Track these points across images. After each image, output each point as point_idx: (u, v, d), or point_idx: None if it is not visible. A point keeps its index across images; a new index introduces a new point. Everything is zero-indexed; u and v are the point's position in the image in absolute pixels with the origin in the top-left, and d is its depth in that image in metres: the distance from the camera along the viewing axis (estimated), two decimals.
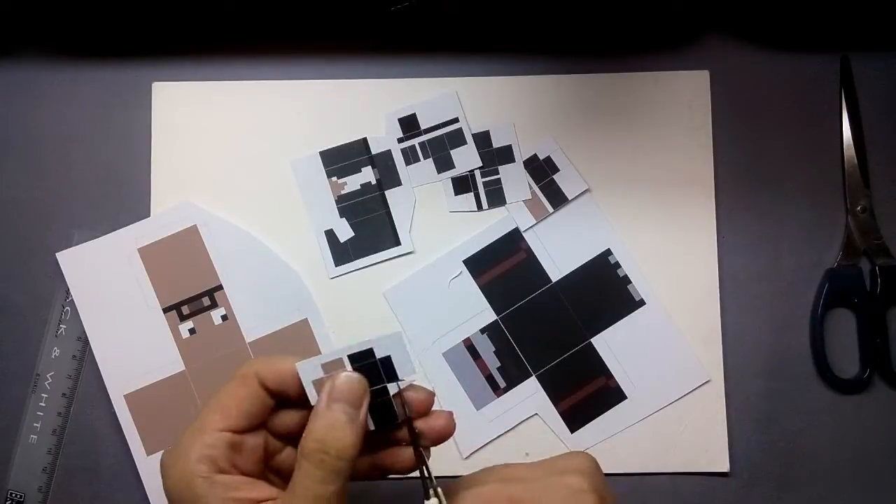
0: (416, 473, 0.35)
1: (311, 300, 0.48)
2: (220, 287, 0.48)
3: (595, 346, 0.48)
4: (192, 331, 0.48)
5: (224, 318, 0.48)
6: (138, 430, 0.47)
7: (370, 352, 0.34)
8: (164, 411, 0.47)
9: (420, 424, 0.35)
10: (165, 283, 0.48)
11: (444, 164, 0.49)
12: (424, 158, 0.49)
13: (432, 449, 0.36)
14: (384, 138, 0.49)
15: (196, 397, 0.47)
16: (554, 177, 0.49)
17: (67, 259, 0.48)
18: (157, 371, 0.47)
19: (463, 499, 0.33)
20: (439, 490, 0.34)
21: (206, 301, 0.48)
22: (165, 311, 0.48)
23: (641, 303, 0.48)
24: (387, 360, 0.34)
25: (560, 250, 0.49)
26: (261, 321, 0.48)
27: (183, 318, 0.48)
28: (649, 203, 0.49)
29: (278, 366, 0.35)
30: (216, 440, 0.33)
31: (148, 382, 0.47)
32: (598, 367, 0.48)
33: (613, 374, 0.48)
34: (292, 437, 0.36)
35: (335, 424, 0.32)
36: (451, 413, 0.36)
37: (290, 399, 0.35)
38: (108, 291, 0.47)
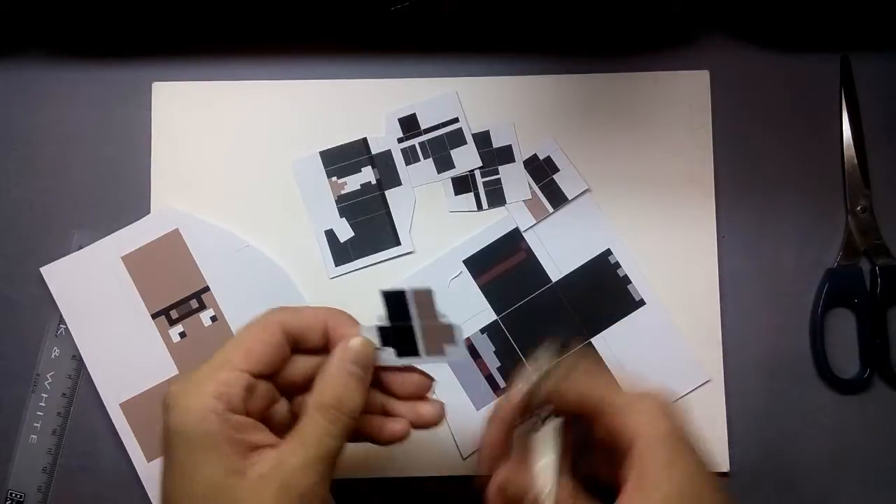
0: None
1: (300, 296, 0.48)
2: (206, 288, 0.48)
3: (595, 346, 0.48)
4: (182, 334, 0.47)
5: (213, 319, 0.48)
6: (136, 438, 0.46)
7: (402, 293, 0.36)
8: (161, 417, 0.47)
9: (403, 408, 0.36)
10: (152, 289, 0.47)
11: (444, 164, 0.49)
12: (424, 158, 0.49)
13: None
14: (384, 138, 0.49)
15: None
16: (554, 177, 0.49)
17: (52, 273, 0.47)
18: (150, 378, 0.47)
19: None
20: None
21: (194, 303, 0.48)
22: (154, 316, 0.47)
23: (641, 303, 0.48)
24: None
25: (560, 250, 0.49)
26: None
27: (172, 322, 0.47)
28: (649, 203, 0.49)
29: (303, 315, 0.36)
30: (236, 379, 0.33)
31: (143, 389, 0.47)
32: None
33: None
34: (291, 389, 0.36)
35: (349, 384, 0.34)
36: (441, 403, 0.37)
37: (304, 350, 0.36)
38: (96, 303, 0.47)
